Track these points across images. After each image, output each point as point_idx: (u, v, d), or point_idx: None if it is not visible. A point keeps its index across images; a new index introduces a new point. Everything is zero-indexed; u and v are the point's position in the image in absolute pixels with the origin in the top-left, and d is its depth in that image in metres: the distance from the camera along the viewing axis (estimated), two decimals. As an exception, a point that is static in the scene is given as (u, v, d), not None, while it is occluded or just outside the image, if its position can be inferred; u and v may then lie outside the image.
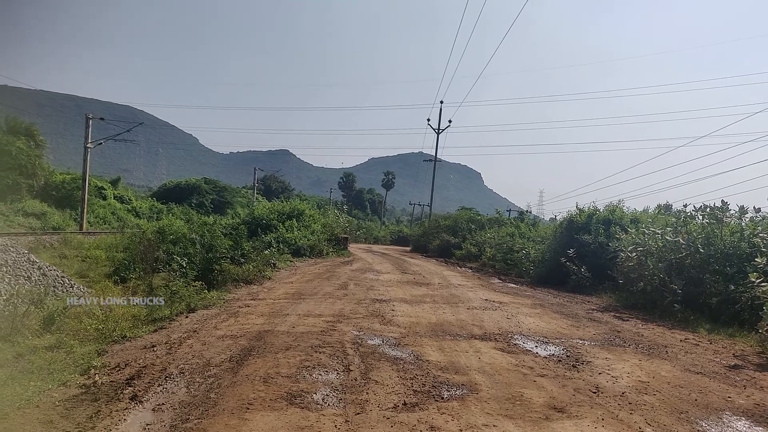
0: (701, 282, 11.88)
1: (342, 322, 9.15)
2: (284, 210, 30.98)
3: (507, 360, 7.12)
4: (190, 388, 5.39)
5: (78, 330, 7.73)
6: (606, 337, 9.24)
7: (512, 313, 11.31)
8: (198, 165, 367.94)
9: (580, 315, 11.81)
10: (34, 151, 39.37)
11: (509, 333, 9.07)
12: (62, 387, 5.46)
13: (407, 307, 11.32)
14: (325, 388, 5.48)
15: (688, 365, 7.36)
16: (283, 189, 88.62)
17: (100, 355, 6.81)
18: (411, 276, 18.96)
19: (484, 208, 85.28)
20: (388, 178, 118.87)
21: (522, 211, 50.84)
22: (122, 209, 46.80)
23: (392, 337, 8.18)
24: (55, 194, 40.42)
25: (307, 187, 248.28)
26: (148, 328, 8.39)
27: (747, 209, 12.86)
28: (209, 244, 14.38)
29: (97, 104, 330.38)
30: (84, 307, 8.84)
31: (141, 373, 5.91)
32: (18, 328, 7.31)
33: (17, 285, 8.96)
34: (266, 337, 7.75)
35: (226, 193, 66.20)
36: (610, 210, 19.20)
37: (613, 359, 7.50)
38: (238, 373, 5.89)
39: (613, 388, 5.99)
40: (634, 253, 13.81)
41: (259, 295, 12.37)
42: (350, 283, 15.42)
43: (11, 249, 10.26)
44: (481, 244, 30.07)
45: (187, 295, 10.46)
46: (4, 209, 33.12)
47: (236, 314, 9.65)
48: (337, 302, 11.49)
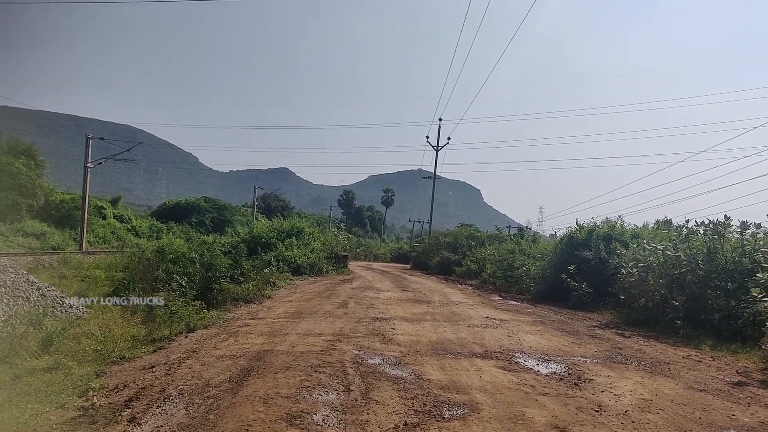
0: (703, 298, 11.83)
1: (342, 341, 9.10)
2: (284, 228, 30.96)
3: (508, 378, 7.07)
4: (189, 410, 5.33)
5: (76, 351, 7.68)
6: (608, 354, 9.18)
7: (513, 331, 11.25)
8: (197, 184, 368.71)
9: (582, 332, 11.75)
10: (34, 171, 39.49)
11: (510, 351, 9.02)
12: (60, 409, 5.41)
13: (408, 326, 11.26)
14: (326, 408, 5.43)
15: (691, 382, 7.31)
16: (283, 207, 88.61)
17: (98, 376, 6.76)
18: (411, 294, 18.90)
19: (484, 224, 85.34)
20: (388, 196, 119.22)
21: (522, 228, 50.87)
22: (122, 228, 46.83)
23: (393, 356, 8.13)
24: (54, 214, 40.50)
25: (306, 204, 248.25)
26: (147, 349, 8.34)
27: (748, 224, 12.85)
28: (209, 263, 14.36)
29: (97, 124, 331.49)
30: (83, 328, 8.79)
31: (140, 394, 5.86)
32: (16, 349, 7.27)
33: (16, 306, 8.92)
34: (266, 356, 7.70)
35: (225, 211, 66.23)
36: (610, 226, 19.21)
37: (615, 377, 7.44)
38: (237, 394, 5.84)
39: (615, 407, 5.93)
40: (635, 269, 13.78)
41: (259, 314, 12.31)
42: (350, 301, 15.36)
43: (10, 270, 10.23)
44: (482, 261, 30.02)
45: (186, 314, 10.41)
46: (4, 229, 33.14)
47: (236, 334, 9.60)
48: (337, 321, 11.43)
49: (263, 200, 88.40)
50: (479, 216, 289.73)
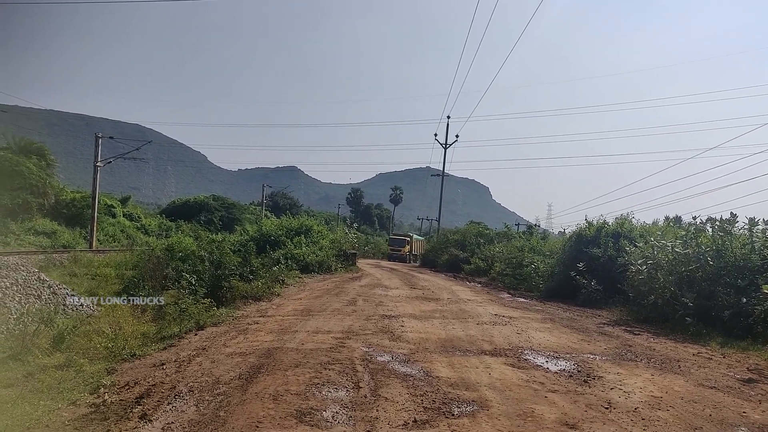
0: (713, 295, 11.75)
1: (351, 339, 9.11)
2: (292, 226, 31.05)
3: (517, 375, 7.06)
4: (199, 407, 5.37)
5: (88, 348, 7.76)
6: (617, 351, 9.15)
7: (522, 328, 11.23)
8: (206, 182, 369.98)
9: (591, 329, 11.71)
10: (45, 171, 39.80)
11: (519, 348, 9.00)
12: (72, 406, 5.47)
13: (416, 323, 11.27)
14: (335, 405, 5.45)
15: (701, 380, 7.27)
16: (292, 205, 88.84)
17: (109, 373, 6.82)
18: (420, 291, 18.90)
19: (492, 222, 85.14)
20: (396, 193, 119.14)
21: (531, 225, 50.69)
22: (131, 227, 47.10)
23: (402, 354, 8.14)
24: (65, 213, 40.80)
25: (315, 203, 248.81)
26: (158, 346, 8.40)
27: (757, 221, 12.74)
28: (218, 261, 14.42)
29: (106, 123, 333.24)
30: (93, 325, 8.87)
31: (150, 391, 5.91)
32: (28, 347, 7.34)
33: (27, 304, 9.01)
34: (275, 354, 7.73)
35: (234, 209, 66.51)
36: (619, 223, 19.10)
37: (625, 374, 7.42)
38: (247, 391, 5.87)
39: (625, 404, 5.91)
40: (644, 266, 13.70)
41: (268, 311, 12.36)
42: (359, 299, 15.38)
43: (21, 268, 10.33)
44: (490, 259, 29.96)
45: (196, 312, 10.48)
46: (15, 228, 33.41)
47: (245, 331, 9.64)
48: (346, 318, 11.45)
49: (272, 198, 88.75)
50: (488, 213, 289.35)
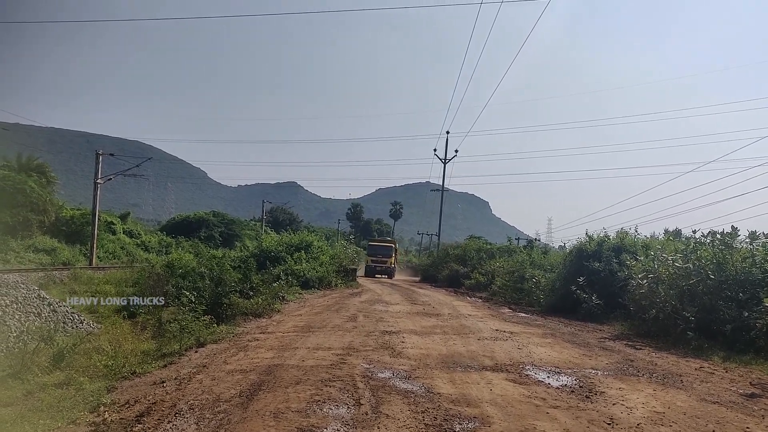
0: (714, 309, 11.72)
1: (352, 355, 9.09)
2: (292, 242, 31.00)
3: (519, 391, 7.03)
4: (200, 425, 5.35)
5: (87, 366, 7.73)
6: (619, 366, 9.11)
7: (523, 343, 11.19)
8: (206, 198, 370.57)
9: (592, 344, 11.68)
10: (46, 189, 39.89)
11: (521, 363, 8.97)
12: (71, 425, 5.45)
13: (417, 339, 11.24)
14: (336, 422, 5.42)
15: (704, 395, 7.24)
16: (291, 221, 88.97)
17: (109, 391, 6.79)
18: (420, 307, 18.85)
19: (493, 236, 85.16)
20: (396, 208, 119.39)
21: (531, 239, 50.71)
22: (131, 244, 47.07)
23: (402, 370, 8.11)
24: (65, 230, 40.79)
25: (315, 218, 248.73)
26: (158, 364, 8.37)
27: (758, 234, 12.75)
28: (218, 278, 14.39)
29: (107, 140, 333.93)
30: (93, 343, 8.85)
31: (150, 409, 5.89)
32: (28, 365, 7.33)
33: (27, 321, 9.00)
34: (276, 371, 7.71)
35: (234, 226, 66.52)
36: (620, 237, 19.09)
37: (627, 389, 7.38)
38: (248, 409, 5.84)
39: (628, 420, 5.88)
40: (644, 280, 13.68)
41: (269, 328, 12.33)
42: (359, 315, 15.34)
43: (21, 285, 10.33)
44: (491, 274, 29.90)
45: (196, 329, 10.44)
46: (15, 246, 33.41)
47: (246, 348, 9.61)
48: (347, 335, 11.42)
49: (272, 214, 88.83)
50: (488, 228, 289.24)
